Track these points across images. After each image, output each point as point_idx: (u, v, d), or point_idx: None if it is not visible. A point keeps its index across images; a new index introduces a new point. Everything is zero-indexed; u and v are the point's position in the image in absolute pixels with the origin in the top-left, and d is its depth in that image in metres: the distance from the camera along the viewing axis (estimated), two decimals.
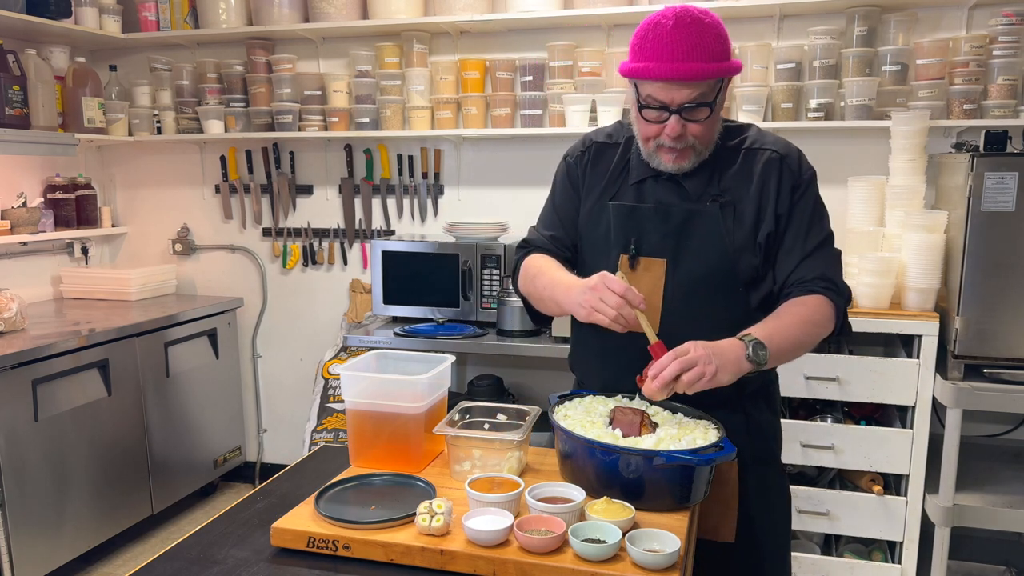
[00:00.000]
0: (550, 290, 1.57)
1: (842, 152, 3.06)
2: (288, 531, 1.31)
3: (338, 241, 3.74)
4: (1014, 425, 2.95)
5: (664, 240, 1.56)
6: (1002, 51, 2.75)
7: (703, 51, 1.40)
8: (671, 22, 1.41)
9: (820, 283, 1.52)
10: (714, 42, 1.42)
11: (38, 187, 3.59)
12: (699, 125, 1.47)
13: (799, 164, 1.57)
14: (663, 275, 1.55)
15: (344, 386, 1.57)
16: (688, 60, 1.40)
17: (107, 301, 3.61)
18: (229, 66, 3.57)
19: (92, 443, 3.00)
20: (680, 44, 1.40)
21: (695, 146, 1.50)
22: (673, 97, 1.43)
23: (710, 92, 1.44)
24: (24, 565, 2.73)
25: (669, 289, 1.55)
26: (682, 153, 1.50)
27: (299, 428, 3.80)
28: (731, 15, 3.03)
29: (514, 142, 3.42)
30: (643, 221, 1.57)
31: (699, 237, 1.54)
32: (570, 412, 1.52)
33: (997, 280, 2.42)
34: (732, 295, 1.55)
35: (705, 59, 1.40)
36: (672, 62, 1.40)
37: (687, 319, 1.54)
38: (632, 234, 1.57)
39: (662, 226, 1.56)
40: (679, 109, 1.44)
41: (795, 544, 2.88)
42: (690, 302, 1.55)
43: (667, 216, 1.55)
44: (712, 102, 1.45)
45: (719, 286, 1.54)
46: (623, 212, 1.59)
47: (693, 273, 1.54)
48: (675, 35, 1.40)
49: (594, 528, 1.24)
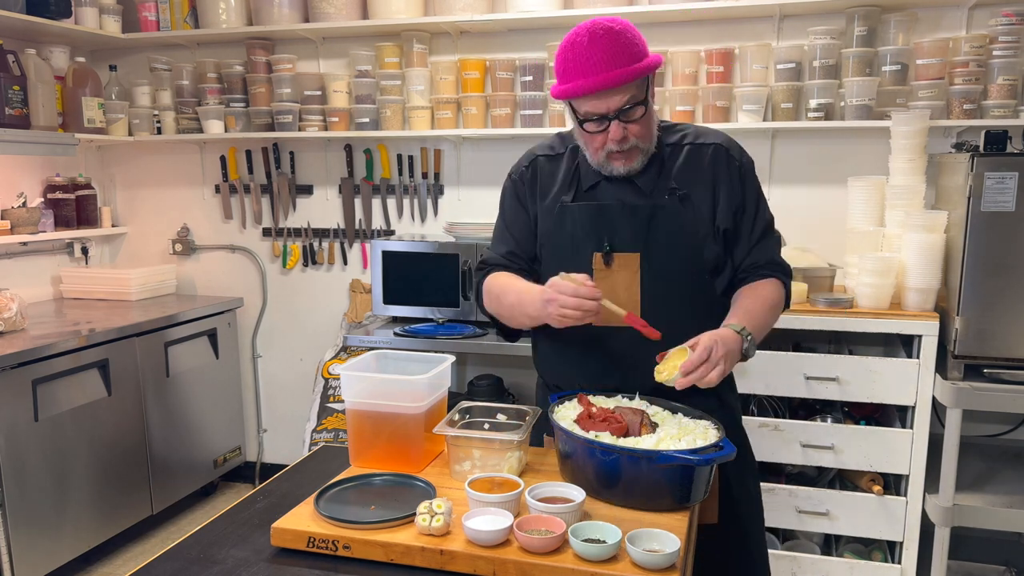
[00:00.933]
0: (519, 306, 1.62)
1: (842, 152, 3.06)
2: (288, 531, 1.31)
3: (338, 241, 3.74)
4: (1014, 425, 2.95)
5: (635, 235, 1.63)
6: (1002, 51, 2.75)
7: (622, 56, 1.48)
8: (586, 38, 1.49)
9: (771, 267, 1.68)
10: (629, 45, 1.49)
11: (38, 187, 3.59)
12: (637, 124, 1.56)
13: (741, 153, 1.68)
14: (638, 268, 1.62)
15: (344, 386, 1.58)
16: (611, 68, 1.48)
17: (107, 301, 3.61)
18: (229, 66, 3.57)
19: (92, 443, 3.00)
20: (600, 55, 1.48)
21: (639, 145, 1.59)
22: (608, 105, 1.52)
23: (640, 92, 1.53)
24: (24, 565, 2.73)
25: (646, 281, 1.62)
26: (629, 154, 1.59)
27: (299, 428, 3.80)
28: (731, 15, 3.03)
29: (514, 142, 3.41)
30: (612, 219, 1.63)
31: (665, 231, 1.62)
32: (570, 412, 1.52)
33: (997, 280, 2.42)
34: (701, 283, 1.65)
35: (626, 63, 1.49)
36: (597, 74, 1.48)
37: (665, 308, 1.61)
38: (603, 232, 1.63)
39: (631, 222, 1.63)
40: (616, 115, 1.53)
41: (795, 544, 2.88)
42: (666, 292, 1.63)
43: (634, 212, 1.63)
44: (644, 100, 1.54)
45: (689, 275, 1.64)
46: (591, 212, 1.65)
47: (665, 265, 1.62)
48: (592, 49, 1.48)
49: (594, 528, 1.24)
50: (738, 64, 3.07)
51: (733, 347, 1.48)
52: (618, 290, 1.61)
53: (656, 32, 3.17)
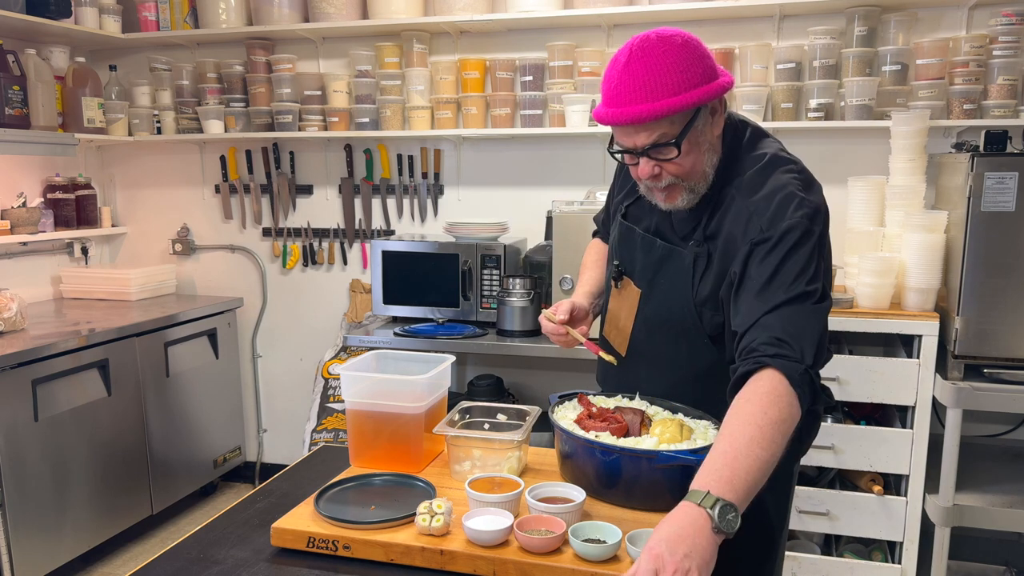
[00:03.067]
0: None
1: (842, 152, 3.06)
2: (288, 531, 1.31)
3: (338, 241, 3.74)
4: (1014, 425, 2.95)
5: (644, 270, 1.54)
6: (1002, 51, 2.75)
7: (654, 89, 1.28)
8: (624, 58, 1.31)
9: (770, 349, 1.21)
10: (670, 74, 1.28)
11: (38, 187, 3.59)
12: (675, 164, 1.35)
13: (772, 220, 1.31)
14: (636, 304, 1.56)
15: (344, 386, 1.58)
16: (635, 102, 1.28)
17: (107, 301, 3.61)
18: (229, 66, 3.57)
19: (92, 443, 3.00)
20: (627, 84, 1.29)
21: (681, 183, 1.39)
22: (635, 141, 1.34)
23: (674, 128, 1.31)
24: (24, 565, 2.73)
25: (639, 321, 1.56)
26: (670, 191, 1.40)
27: (299, 428, 3.80)
28: (731, 15, 3.03)
29: (514, 142, 3.42)
30: (633, 245, 1.58)
31: (670, 278, 1.48)
32: (570, 412, 1.52)
33: (997, 280, 2.42)
34: (697, 344, 1.47)
35: (656, 97, 1.27)
36: (619, 106, 1.30)
37: (649, 356, 1.56)
38: (625, 253, 1.60)
39: (645, 256, 1.54)
40: (644, 151, 1.34)
41: (795, 544, 2.88)
42: (654, 340, 1.54)
43: (650, 248, 1.52)
44: (678, 140, 1.32)
45: (684, 333, 1.47)
46: (622, 230, 1.62)
47: (659, 314, 1.51)
48: (624, 75, 1.30)
49: (594, 528, 1.24)
50: (738, 64, 3.07)
51: (699, 542, 1.02)
52: (620, 314, 1.61)
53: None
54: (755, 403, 1.17)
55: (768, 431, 1.14)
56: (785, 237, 1.29)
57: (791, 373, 1.19)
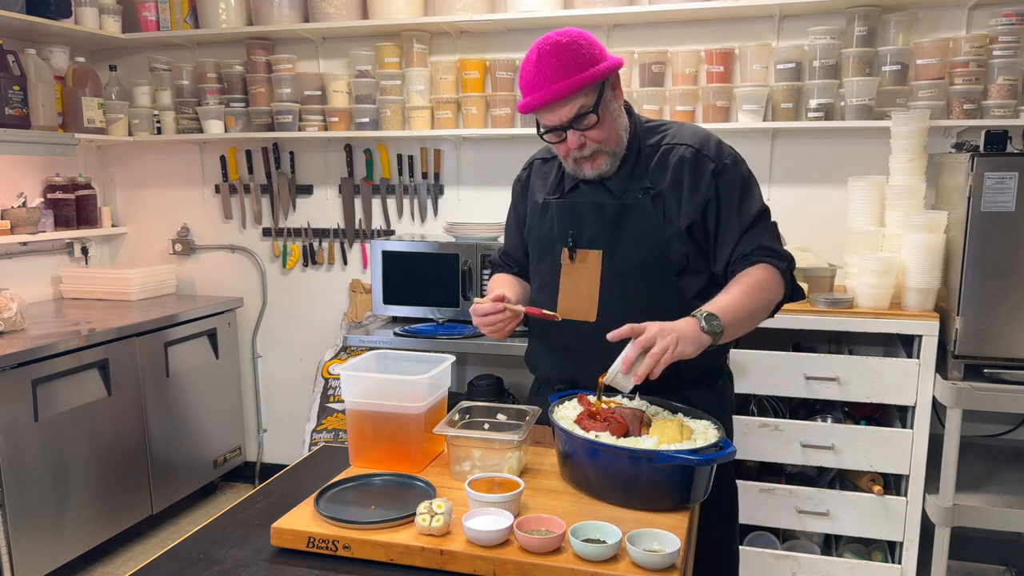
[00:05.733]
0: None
1: (842, 152, 3.06)
2: (288, 531, 1.31)
3: (338, 241, 3.74)
4: (1014, 425, 2.95)
5: (599, 233, 1.69)
6: (1002, 51, 2.75)
7: (567, 69, 1.53)
8: (535, 55, 1.56)
9: (760, 253, 1.62)
10: (574, 57, 1.54)
11: (38, 187, 3.59)
12: (595, 131, 1.60)
13: (717, 151, 1.65)
14: (599, 265, 1.68)
15: (344, 386, 1.57)
16: (554, 82, 1.54)
17: (107, 301, 3.61)
18: (229, 66, 3.57)
19: (92, 443, 3.00)
20: (545, 71, 1.54)
21: (603, 148, 1.63)
22: (559, 117, 1.58)
23: (589, 100, 1.57)
24: (24, 565, 2.73)
25: (605, 278, 1.68)
26: (594, 158, 1.64)
27: (299, 428, 3.80)
28: (731, 15, 3.03)
29: (514, 142, 3.41)
30: (580, 216, 1.71)
31: (632, 228, 1.66)
32: (570, 412, 1.52)
33: (997, 280, 2.42)
34: (665, 284, 1.66)
35: (570, 75, 1.53)
36: (542, 89, 1.55)
37: (622, 306, 1.65)
38: (571, 228, 1.71)
39: (597, 220, 1.69)
40: (569, 125, 1.58)
41: (795, 544, 2.88)
42: (624, 290, 1.67)
43: (601, 210, 1.69)
44: (595, 108, 1.57)
45: (652, 274, 1.66)
46: (564, 208, 1.74)
47: (627, 262, 1.66)
48: (539, 65, 1.55)
49: (594, 528, 1.24)
50: (738, 64, 3.07)
51: (686, 328, 1.44)
52: (580, 285, 1.70)
53: (656, 32, 3.17)
54: (752, 275, 1.59)
55: (756, 292, 1.56)
56: (734, 164, 1.66)
57: (780, 267, 1.62)
